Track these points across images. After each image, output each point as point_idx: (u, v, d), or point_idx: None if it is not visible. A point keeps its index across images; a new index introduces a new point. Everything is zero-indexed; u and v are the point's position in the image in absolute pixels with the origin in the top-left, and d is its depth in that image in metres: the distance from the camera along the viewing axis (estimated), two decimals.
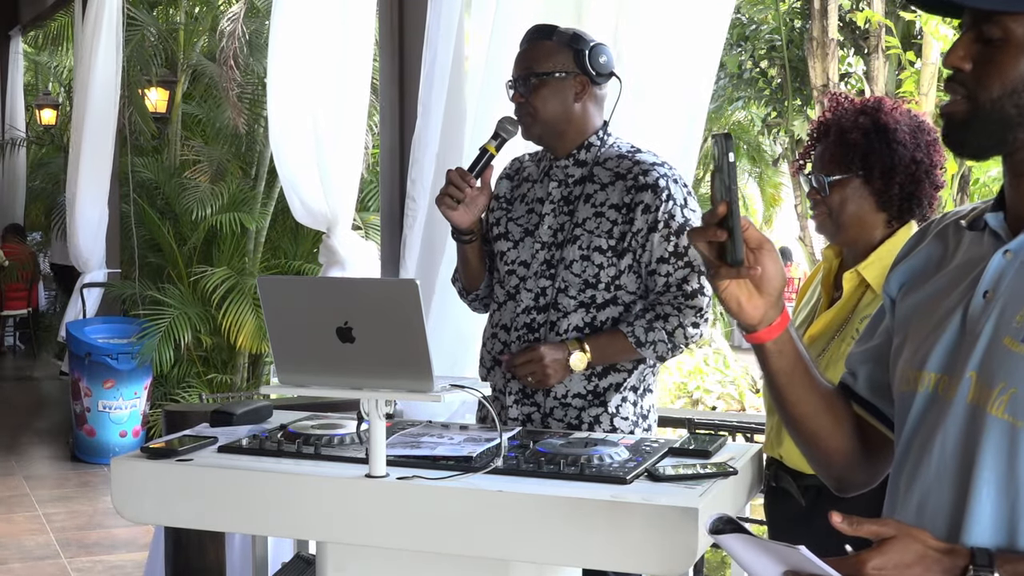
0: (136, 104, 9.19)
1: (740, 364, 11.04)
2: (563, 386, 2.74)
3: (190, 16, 9.99)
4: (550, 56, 2.76)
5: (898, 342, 1.55)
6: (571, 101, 2.76)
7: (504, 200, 2.92)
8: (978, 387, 1.36)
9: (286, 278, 3.92)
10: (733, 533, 1.35)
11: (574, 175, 2.80)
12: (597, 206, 2.75)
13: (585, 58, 2.74)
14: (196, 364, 8.13)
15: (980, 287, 1.41)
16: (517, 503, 2.08)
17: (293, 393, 2.53)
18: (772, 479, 2.53)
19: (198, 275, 7.84)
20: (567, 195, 2.79)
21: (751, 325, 1.51)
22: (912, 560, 1.29)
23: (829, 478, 1.66)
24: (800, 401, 1.57)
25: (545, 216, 2.81)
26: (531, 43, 2.80)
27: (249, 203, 8.18)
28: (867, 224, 2.41)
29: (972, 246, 1.48)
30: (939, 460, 1.40)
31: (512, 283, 2.83)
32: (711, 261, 1.47)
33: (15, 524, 6.17)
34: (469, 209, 2.80)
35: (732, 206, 1.43)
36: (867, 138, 2.37)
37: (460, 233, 2.86)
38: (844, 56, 12.76)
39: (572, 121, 2.78)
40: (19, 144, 12.41)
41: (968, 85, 1.39)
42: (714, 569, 5.98)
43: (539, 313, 2.77)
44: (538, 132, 2.79)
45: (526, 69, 2.77)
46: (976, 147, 1.43)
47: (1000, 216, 1.44)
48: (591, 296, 2.73)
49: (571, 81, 2.75)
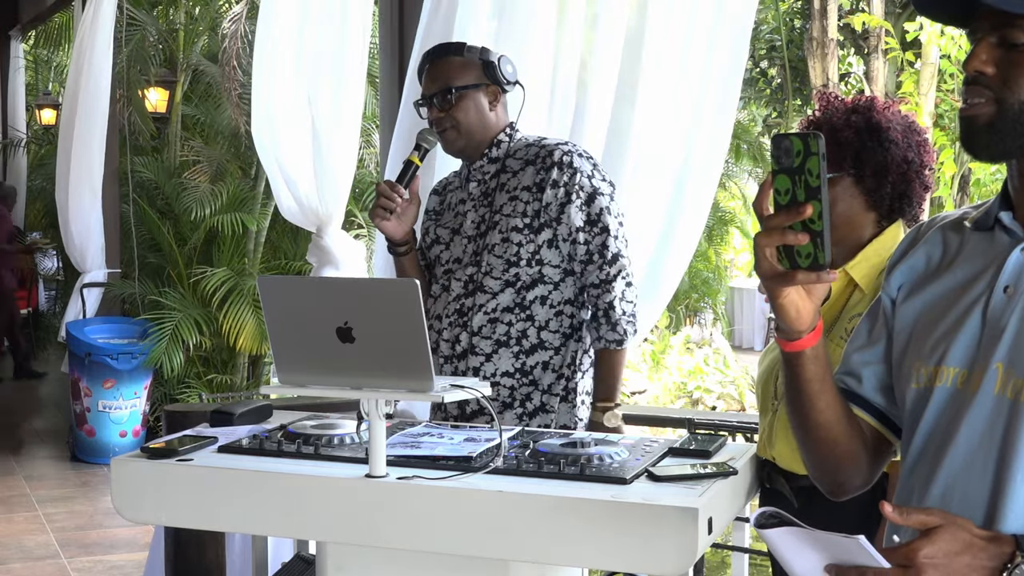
0: (136, 104, 9.19)
1: (740, 364, 11.05)
2: (492, 364, 2.89)
3: (190, 16, 9.98)
4: (464, 70, 2.95)
5: (902, 342, 1.56)
6: (487, 111, 2.96)
7: (434, 213, 3.10)
8: (1007, 378, 1.38)
9: (286, 278, 3.92)
10: (780, 527, 1.35)
11: (489, 171, 2.99)
12: (511, 191, 2.93)
13: (496, 69, 2.94)
14: (196, 364, 8.13)
15: (1000, 283, 1.43)
16: (517, 503, 2.08)
17: (293, 393, 2.53)
18: (765, 480, 2.53)
19: (198, 276, 7.83)
20: (485, 190, 2.99)
21: (800, 332, 1.47)
22: (960, 548, 1.31)
23: (832, 483, 1.66)
24: (827, 407, 1.55)
25: (468, 213, 3.00)
26: (441, 60, 2.97)
27: (249, 203, 8.17)
28: (856, 223, 2.41)
29: (981, 245, 1.50)
30: (966, 452, 1.42)
31: (445, 279, 3.00)
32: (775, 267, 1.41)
33: (15, 524, 6.17)
34: (401, 220, 2.96)
35: (823, 207, 1.37)
36: (859, 136, 2.36)
37: (395, 245, 3.01)
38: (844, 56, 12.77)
39: (488, 127, 2.97)
40: (19, 144, 12.41)
41: (993, 88, 1.41)
42: (714, 569, 5.98)
43: (467, 298, 2.93)
44: (462, 144, 2.97)
45: (442, 86, 2.94)
46: (1000, 150, 1.44)
47: (1010, 215, 1.46)
48: (515, 274, 2.88)
49: (485, 91, 2.95)
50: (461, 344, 2.93)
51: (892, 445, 1.63)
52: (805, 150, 1.38)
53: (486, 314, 2.90)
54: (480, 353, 2.91)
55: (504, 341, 2.89)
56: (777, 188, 1.40)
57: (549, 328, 2.90)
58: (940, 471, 1.45)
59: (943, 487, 1.44)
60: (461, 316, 2.93)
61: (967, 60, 1.43)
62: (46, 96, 14.10)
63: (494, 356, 2.90)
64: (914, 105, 9.28)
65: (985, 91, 1.41)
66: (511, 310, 2.89)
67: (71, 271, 9.80)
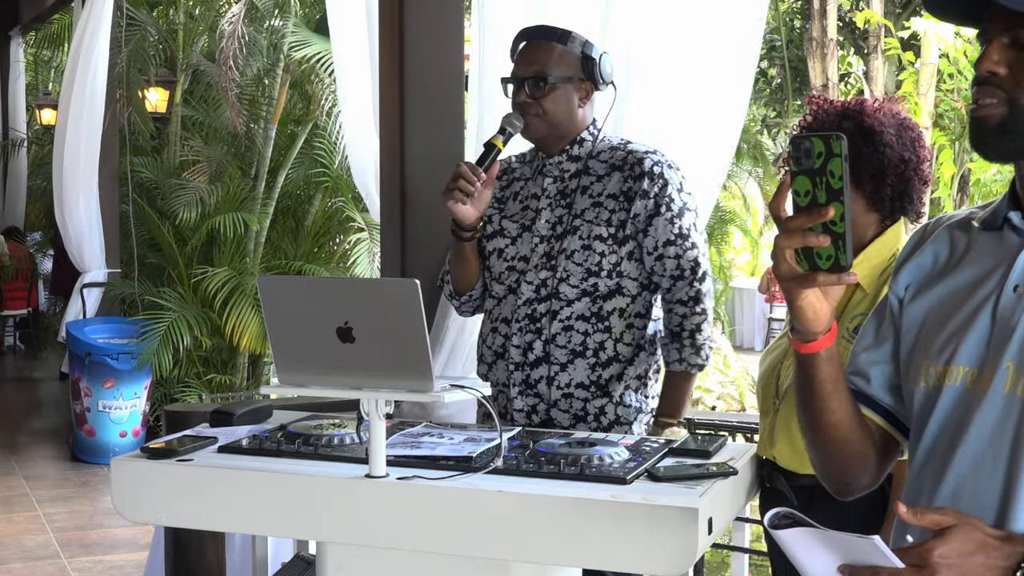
0: (135, 104, 9.19)
1: (740, 364, 11.04)
2: (567, 374, 2.77)
3: (190, 16, 9.98)
4: (562, 61, 2.81)
5: (910, 341, 1.57)
6: (576, 106, 2.84)
7: (495, 199, 2.94)
8: (1017, 377, 1.39)
9: (286, 278, 3.92)
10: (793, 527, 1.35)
11: (569, 170, 2.85)
12: (595, 196, 2.80)
13: (596, 67, 2.81)
14: (196, 364, 8.13)
15: (1010, 282, 1.43)
16: (517, 503, 2.08)
17: (293, 393, 2.53)
18: (766, 480, 2.53)
19: (199, 276, 7.83)
20: (563, 189, 2.84)
21: (817, 334, 1.47)
22: (974, 548, 1.31)
23: (839, 483, 1.66)
24: (839, 407, 1.55)
25: (542, 211, 2.85)
26: (540, 43, 2.84)
27: (249, 203, 8.17)
28: (859, 225, 2.41)
29: (990, 244, 1.50)
30: (976, 451, 1.42)
31: (512, 278, 2.86)
32: (795, 269, 1.40)
33: (15, 524, 6.17)
34: (475, 204, 2.80)
35: (844, 208, 1.36)
36: (854, 143, 2.35)
37: (463, 229, 2.85)
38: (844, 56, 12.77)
39: (574, 122, 2.85)
40: (20, 145, 12.41)
41: (1005, 89, 1.41)
42: (714, 569, 5.98)
43: (540, 303, 2.80)
44: (543, 133, 2.84)
45: (537, 71, 2.80)
46: (1011, 150, 1.44)
47: (1019, 214, 1.47)
48: (594, 284, 2.77)
49: (578, 87, 2.83)
50: (534, 351, 2.80)
51: (900, 445, 1.63)
52: (827, 151, 1.38)
53: (560, 322, 2.77)
54: (555, 362, 2.78)
55: (580, 351, 2.77)
56: (796, 189, 1.39)
57: (624, 340, 2.79)
58: (950, 470, 1.45)
59: (953, 486, 1.44)
60: (533, 322, 2.80)
61: (978, 61, 1.42)
62: (46, 96, 14.10)
63: (569, 366, 2.77)
64: (914, 105, 9.27)
65: (997, 92, 1.41)
66: (587, 319, 2.77)
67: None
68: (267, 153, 8.25)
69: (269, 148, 8.25)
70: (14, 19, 11.88)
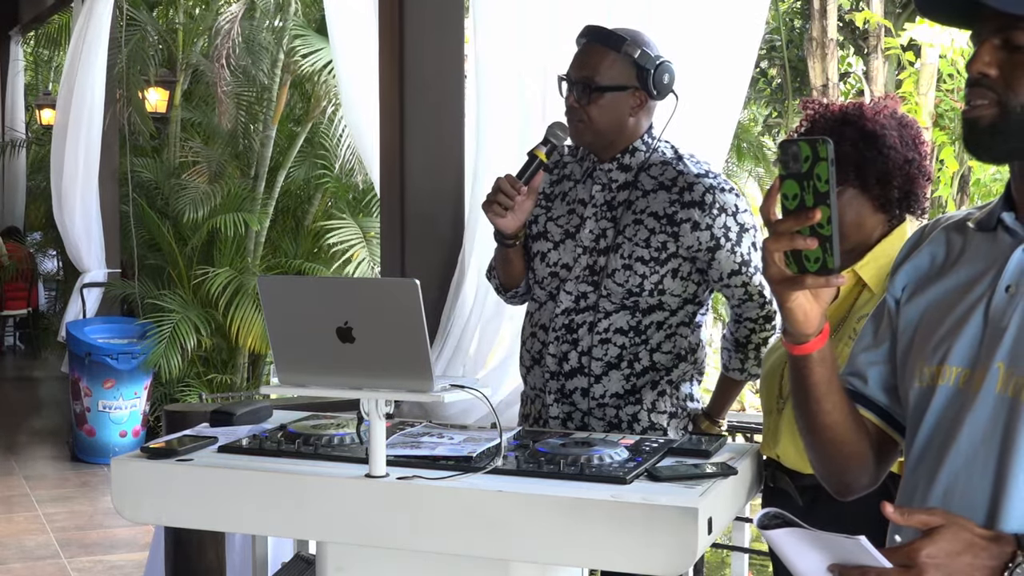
0: (135, 104, 9.19)
1: None
2: (601, 386, 2.73)
3: (189, 16, 9.98)
4: (613, 68, 2.69)
5: (906, 342, 1.57)
6: (627, 115, 2.73)
7: (543, 196, 2.86)
8: (1008, 377, 1.39)
9: (286, 278, 3.92)
10: (783, 528, 1.36)
11: (618, 180, 2.76)
12: (637, 213, 2.71)
13: (650, 77, 2.68)
14: (196, 364, 8.13)
15: (1002, 282, 1.44)
16: (517, 503, 2.08)
17: (293, 393, 2.53)
18: (770, 479, 2.53)
19: (199, 276, 7.83)
20: (610, 200, 2.76)
21: (808, 336, 1.49)
22: (962, 548, 1.31)
23: (839, 483, 1.67)
24: (834, 408, 1.56)
25: (587, 220, 2.77)
26: (593, 47, 2.73)
27: (249, 203, 8.17)
28: (867, 227, 2.41)
29: (984, 245, 1.51)
30: (968, 451, 1.42)
31: (553, 284, 2.80)
32: (784, 272, 1.42)
33: (15, 524, 6.17)
34: (516, 215, 2.74)
35: (832, 212, 1.38)
36: (857, 149, 2.35)
37: (504, 238, 2.81)
38: (844, 56, 12.77)
39: (624, 132, 2.75)
40: (19, 145, 12.41)
41: (997, 90, 1.41)
42: (714, 569, 5.98)
43: (578, 314, 2.75)
44: (589, 139, 2.76)
45: (586, 77, 2.70)
46: (1003, 151, 1.45)
47: (1012, 215, 1.47)
48: (634, 302, 2.72)
49: (630, 95, 2.71)
50: (570, 362, 2.75)
51: (898, 445, 1.64)
52: (813, 155, 1.39)
53: (598, 334, 2.72)
54: (590, 374, 2.74)
55: (615, 363, 2.72)
56: (785, 193, 1.41)
57: (662, 350, 2.74)
58: (942, 470, 1.45)
59: (945, 486, 1.45)
60: (570, 332, 2.75)
61: (970, 62, 1.43)
62: (46, 96, 14.09)
63: (604, 378, 2.73)
64: (914, 105, 9.26)
65: (988, 93, 1.42)
66: (624, 332, 2.72)
67: (71, 271, 9.80)
68: (266, 153, 8.25)
69: (269, 148, 8.25)
70: (14, 19, 11.87)
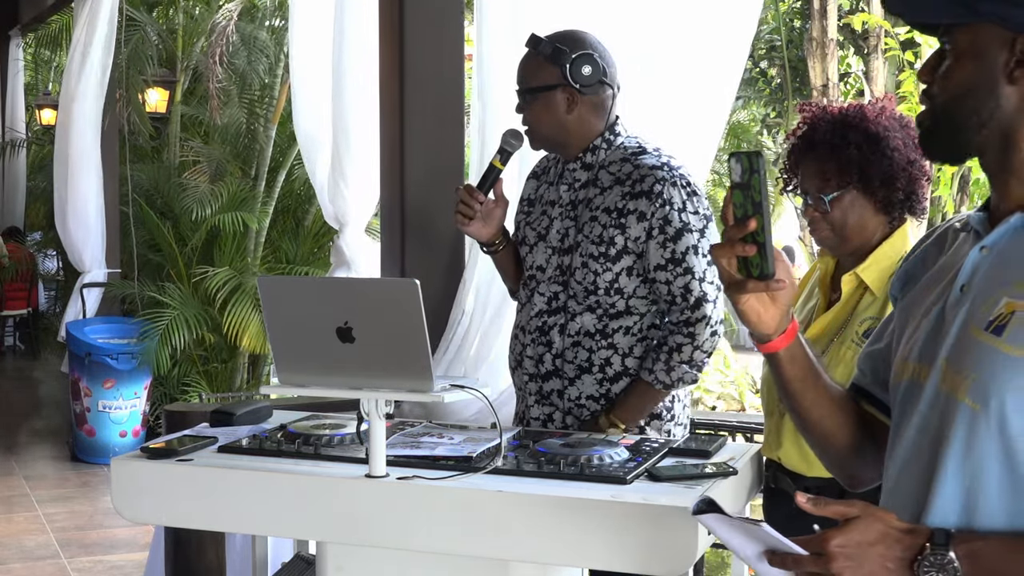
0: (135, 104, 9.19)
1: (740, 364, 11.04)
2: (576, 388, 2.74)
3: (189, 16, 9.98)
4: (538, 70, 2.74)
5: (897, 339, 1.61)
6: (563, 113, 2.73)
7: (526, 203, 2.92)
8: (947, 374, 1.42)
9: (286, 278, 3.93)
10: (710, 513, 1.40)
11: (580, 179, 2.79)
12: (593, 210, 2.73)
13: (566, 71, 2.69)
14: (196, 364, 8.12)
15: (958, 281, 1.47)
16: (517, 503, 2.08)
17: (293, 393, 2.53)
18: (771, 480, 2.53)
19: (199, 276, 7.83)
20: (574, 199, 2.79)
21: (767, 335, 1.56)
22: (874, 539, 1.34)
23: (843, 476, 1.72)
24: (814, 405, 1.63)
25: (554, 220, 2.81)
26: (526, 55, 2.79)
27: (249, 203, 8.17)
28: (869, 229, 2.42)
29: (961, 245, 1.55)
30: (910, 446, 1.47)
31: (531, 287, 2.85)
32: (732, 276, 1.50)
33: (15, 524, 6.17)
34: (487, 223, 2.85)
35: (764, 221, 1.46)
36: (861, 151, 2.36)
37: (483, 245, 2.92)
38: (844, 56, 12.77)
39: (570, 131, 2.75)
40: (19, 145, 12.41)
41: (932, 96, 1.48)
42: (714, 569, 5.98)
43: (550, 316, 2.78)
44: (539, 143, 2.83)
45: (520, 84, 2.78)
46: (942, 153, 1.52)
47: (983, 215, 1.51)
48: (596, 301, 2.71)
49: (560, 93, 2.72)
50: (545, 365, 2.77)
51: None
52: (750, 167, 1.47)
53: (569, 336, 2.73)
54: (564, 376, 2.75)
55: (586, 367, 2.72)
56: (735, 202, 1.49)
57: (633, 354, 2.72)
58: (892, 464, 1.50)
59: (893, 480, 1.50)
60: (543, 334, 2.77)
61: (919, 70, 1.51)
62: (46, 96, 14.09)
63: (577, 381, 2.73)
64: (914, 105, 9.27)
65: (927, 100, 1.49)
66: (592, 336, 2.71)
67: (71, 271, 9.80)
68: (267, 153, 8.25)
69: (269, 148, 8.24)
70: (14, 19, 11.87)
